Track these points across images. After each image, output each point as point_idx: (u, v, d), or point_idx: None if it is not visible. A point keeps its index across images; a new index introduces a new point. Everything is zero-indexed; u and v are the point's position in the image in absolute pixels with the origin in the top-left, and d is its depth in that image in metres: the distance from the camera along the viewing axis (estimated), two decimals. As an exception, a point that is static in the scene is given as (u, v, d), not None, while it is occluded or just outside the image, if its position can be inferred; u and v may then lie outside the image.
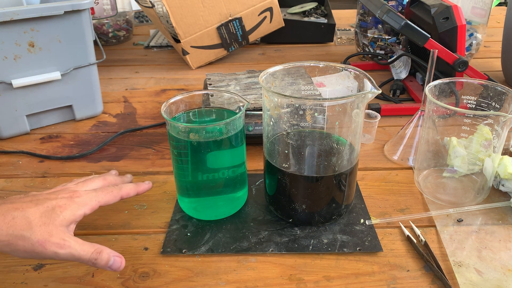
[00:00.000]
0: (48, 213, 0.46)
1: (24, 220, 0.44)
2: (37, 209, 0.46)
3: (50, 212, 0.46)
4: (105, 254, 0.46)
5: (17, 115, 0.83)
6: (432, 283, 0.51)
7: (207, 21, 1.15)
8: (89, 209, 0.49)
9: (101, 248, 0.46)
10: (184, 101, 0.60)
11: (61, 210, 0.46)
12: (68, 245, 0.45)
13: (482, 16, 1.13)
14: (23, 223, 0.44)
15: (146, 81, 1.12)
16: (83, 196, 0.50)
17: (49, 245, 0.44)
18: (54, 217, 0.46)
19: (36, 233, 0.44)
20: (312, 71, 0.61)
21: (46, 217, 0.45)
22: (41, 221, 0.45)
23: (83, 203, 0.49)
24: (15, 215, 0.44)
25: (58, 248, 0.44)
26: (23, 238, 0.44)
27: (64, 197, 0.48)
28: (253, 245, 0.57)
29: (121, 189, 0.54)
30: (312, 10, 1.45)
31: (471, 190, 0.65)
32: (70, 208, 0.47)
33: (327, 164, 0.57)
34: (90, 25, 0.85)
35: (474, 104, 0.64)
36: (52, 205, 0.47)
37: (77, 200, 0.49)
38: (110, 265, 0.47)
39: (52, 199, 0.47)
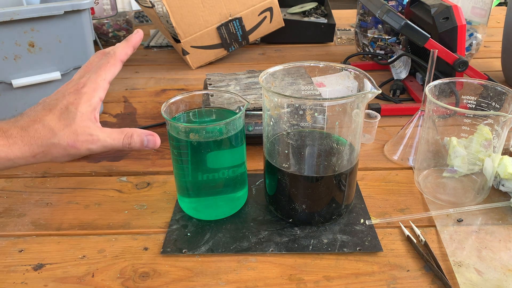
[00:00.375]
0: (64, 114, 0.45)
1: (46, 129, 0.44)
2: (53, 114, 0.45)
3: (66, 112, 0.45)
4: (136, 136, 0.46)
5: (17, 115, 0.83)
6: (432, 283, 0.51)
7: (207, 21, 1.15)
8: (101, 91, 0.48)
9: (130, 132, 0.46)
10: (184, 101, 0.60)
11: (75, 106, 0.45)
12: (97, 139, 0.45)
13: (482, 16, 1.13)
14: (46, 131, 0.44)
15: (146, 81, 1.12)
16: (87, 82, 0.48)
17: (79, 144, 0.44)
18: (71, 116, 0.45)
19: (63, 137, 0.44)
20: (312, 71, 0.61)
21: (64, 119, 0.45)
22: (62, 124, 0.44)
23: (91, 89, 0.47)
24: (36, 127, 0.44)
25: (89, 144, 0.44)
26: (54, 145, 0.44)
27: (71, 92, 0.47)
28: (253, 245, 0.57)
29: (115, 53, 0.51)
30: (312, 10, 1.45)
31: (471, 190, 0.65)
32: (82, 100, 0.46)
33: (327, 164, 0.57)
34: (90, 25, 0.85)
35: (474, 104, 0.64)
36: (64, 105, 0.45)
37: (84, 89, 0.47)
38: (146, 145, 0.47)
39: (61, 98, 0.46)
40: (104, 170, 0.74)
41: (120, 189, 0.69)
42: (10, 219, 0.62)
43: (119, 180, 0.71)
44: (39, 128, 0.45)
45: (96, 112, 0.48)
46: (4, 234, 0.59)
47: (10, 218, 0.62)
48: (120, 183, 0.70)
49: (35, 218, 0.62)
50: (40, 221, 0.62)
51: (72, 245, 0.57)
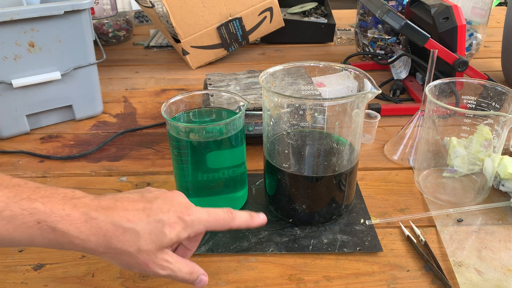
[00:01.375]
0: (157, 231, 0.43)
1: (133, 236, 0.42)
2: (148, 223, 0.43)
3: (160, 230, 0.43)
4: (195, 274, 0.46)
5: (17, 115, 0.83)
6: (432, 283, 0.51)
7: (207, 21, 1.15)
8: (194, 232, 0.45)
9: (193, 269, 0.46)
10: (184, 101, 0.60)
11: (170, 230, 0.43)
12: (170, 267, 0.44)
13: (482, 16, 1.13)
14: (132, 238, 0.42)
15: (146, 81, 1.12)
16: (194, 215, 0.45)
17: (153, 265, 0.43)
18: (162, 237, 0.43)
19: (142, 253, 0.42)
20: (312, 71, 0.61)
21: (155, 235, 0.43)
22: (150, 239, 0.42)
23: (191, 224, 0.45)
24: (127, 227, 0.42)
25: (160, 269, 0.43)
26: (130, 255, 0.42)
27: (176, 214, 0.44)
28: (253, 245, 0.57)
29: (234, 219, 0.48)
30: (312, 10, 1.45)
31: (471, 190, 0.65)
32: (178, 228, 0.44)
33: (327, 164, 0.57)
34: (90, 25, 0.85)
35: (474, 104, 0.64)
36: (163, 222, 0.43)
37: (187, 218, 0.44)
38: (196, 283, 0.46)
39: (165, 211, 0.44)
40: (104, 170, 0.74)
41: (120, 189, 0.69)
42: (10, 219, 0.62)
43: (119, 180, 0.71)
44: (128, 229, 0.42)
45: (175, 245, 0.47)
46: (4, 234, 0.59)
47: (10, 218, 0.62)
48: (120, 183, 0.70)
49: (35, 218, 0.62)
50: (40, 221, 0.62)
51: (72, 245, 0.57)
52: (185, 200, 0.47)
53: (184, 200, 0.47)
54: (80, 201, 0.42)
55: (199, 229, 0.45)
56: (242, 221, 0.48)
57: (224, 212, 0.47)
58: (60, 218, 0.40)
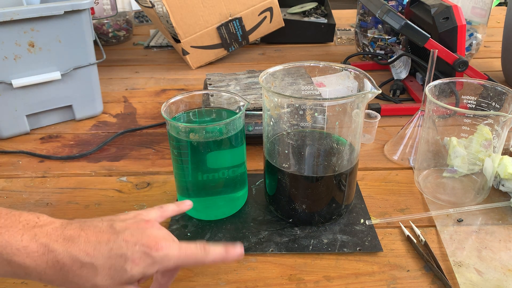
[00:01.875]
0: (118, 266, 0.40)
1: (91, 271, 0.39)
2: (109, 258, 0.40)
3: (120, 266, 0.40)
4: None
5: (17, 115, 0.83)
6: (432, 283, 0.51)
7: (207, 21, 1.15)
8: (163, 268, 0.42)
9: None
10: (184, 101, 0.60)
11: (131, 267, 0.40)
12: None
13: (482, 16, 1.13)
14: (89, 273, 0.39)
15: (146, 81, 1.12)
16: (163, 251, 0.42)
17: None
18: (122, 273, 0.40)
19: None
20: (312, 71, 0.61)
21: (115, 270, 0.40)
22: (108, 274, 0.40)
23: (159, 262, 0.42)
24: (85, 262, 0.39)
25: None
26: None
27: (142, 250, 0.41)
28: (253, 245, 0.57)
29: (208, 254, 0.44)
30: (312, 10, 1.45)
31: (471, 190, 0.65)
32: (143, 264, 0.41)
33: (327, 164, 0.57)
34: (90, 25, 0.85)
35: (474, 104, 0.64)
36: (126, 257, 0.40)
37: (154, 254, 0.41)
38: None
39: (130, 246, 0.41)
40: (104, 170, 0.74)
41: (120, 189, 0.69)
42: (10, 219, 0.62)
43: (119, 180, 0.71)
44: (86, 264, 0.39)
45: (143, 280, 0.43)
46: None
47: (10, 218, 0.62)
48: (120, 183, 0.70)
49: (35, 218, 0.62)
50: (40, 221, 0.62)
51: (72, 245, 0.57)
52: (158, 232, 0.43)
53: (157, 232, 0.43)
54: (42, 230, 0.40)
55: (168, 266, 0.43)
56: (217, 256, 0.45)
57: (197, 247, 0.44)
58: (17, 250, 0.38)
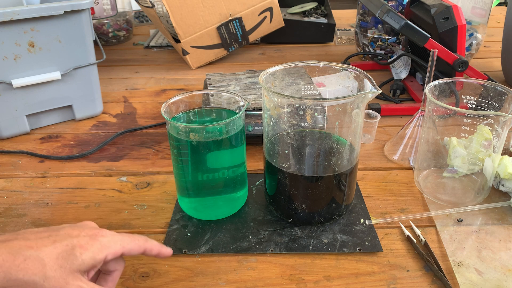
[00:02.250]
0: (66, 254, 0.39)
1: (37, 262, 0.38)
2: (54, 247, 0.39)
3: (69, 253, 0.39)
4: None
5: (17, 115, 0.83)
6: (432, 283, 0.51)
7: (207, 21, 1.15)
8: (112, 253, 0.42)
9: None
10: (184, 101, 0.60)
11: (81, 252, 0.40)
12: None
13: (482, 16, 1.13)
14: (35, 265, 0.38)
15: (146, 81, 1.12)
16: (108, 236, 0.43)
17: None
18: (72, 259, 0.39)
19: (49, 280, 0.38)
20: (312, 71, 0.61)
21: (63, 258, 0.39)
22: (57, 264, 0.39)
23: (107, 245, 0.42)
24: (28, 255, 0.38)
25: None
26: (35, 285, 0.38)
27: (88, 235, 0.42)
28: (253, 245, 0.57)
29: (147, 241, 0.47)
30: (312, 10, 1.45)
31: (471, 190, 0.65)
32: (92, 249, 0.41)
33: (327, 164, 0.57)
34: (90, 25, 0.85)
35: (474, 104, 0.64)
36: (73, 244, 0.40)
37: (101, 239, 0.42)
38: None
39: (74, 236, 0.41)
40: (104, 170, 0.74)
41: (120, 189, 0.69)
42: (10, 219, 0.62)
43: (119, 180, 0.71)
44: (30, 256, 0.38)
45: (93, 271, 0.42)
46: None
47: (10, 218, 0.62)
48: (120, 183, 0.70)
49: (35, 218, 0.62)
50: (40, 221, 0.62)
51: (72, 245, 0.57)
52: (95, 225, 0.45)
53: (95, 225, 0.45)
54: None
55: (116, 250, 0.43)
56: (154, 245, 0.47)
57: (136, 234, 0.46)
58: None
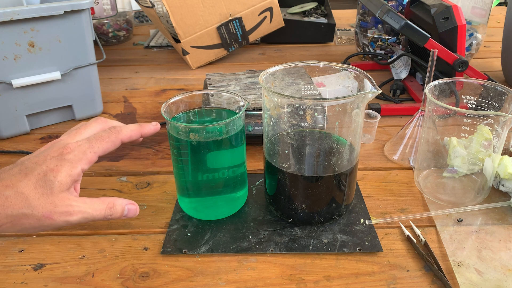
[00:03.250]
0: (41, 182, 0.40)
1: (19, 197, 0.40)
2: (28, 180, 0.40)
3: (43, 180, 0.40)
4: (118, 206, 0.43)
5: (17, 115, 0.83)
6: (432, 283, 0.51)
7: (207, 21, 1.15)
8: (86, 163, 0.43)
9: (112, 202, 0.43)
10: (184, 101, 0.60)
11: (54, 175, 0.41)
12: (78, 210, 0.41)
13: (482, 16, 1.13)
14: (18, 200, 0.40)
15: (146, 81, 1.12)
16: (75, 149, 0.43)
17: (57, 215, 0.40)
18: (49, 184, 0.40)
19: (37, 208, 0.40)
20: (312, 71, 0.61)
21: (41, 186, 0.40)
22: (38, 192, 0.40)
23: (77, 159, 0.42)
24: (7, 194, 0.40)
25: (67, 216, 0.41)
26: (26, 216, 0.40)
27: (54, 157, 0.42)
28: (253, 245, 0.57)
29: (121, 131, 0.46)
30: (312, 10, 1.45)
31: (471, 190, 0.65)
32: (63, 169, 0.41)
33: (327, 164, 0.57)
34: (90, 25, 0.85)
35: (474, 104, 0.64)
36: (43, 171, 0.41)
37: (68, 157, 0.42)
38: (125, 215, 0.44)
39: (41, 163, 0.41)
40: (104, 170, 0.74)
41: (120, 189, 0.69)
42: (10, 219, 0.62)
43: (119, 180, 0.71)
44: (10, 195, 0.39)
45: (77, 184, 0.43)
46: (4, 234, 0.59)
47: (10, 218, 0.62)
48: (120, 183, 0.70)
49: (35, 218, 0.62)
50: (40, 221, 0.62)
51: (72, 245, 0.57)
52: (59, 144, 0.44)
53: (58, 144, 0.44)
54: None
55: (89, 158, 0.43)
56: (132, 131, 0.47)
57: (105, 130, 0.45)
58: None
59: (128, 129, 0.47)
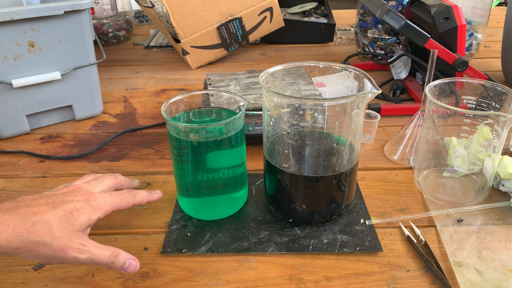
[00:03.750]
0: (66, 217, 0.45)
1: (44, 226, 0.44)
2: (55, 213, 0.45)
3: (68, 216, 0.45)
4: (121, 257, 0.47)
5: (17, 115, 0.83)
6: (432, 283, 0.51)
7: (207, 21, 1.15)
8: (103, 213, 0.49)
9: (117, 252, 0.47)
10: (184, 101, 0.60)
11: (78, 214, 0.46)
12: (88, 250, 0.45)
13: (482, 16, 1.13)
14: (43, 228, 0.44)
15: (146, 81, 1.12)
16: (99, 199, 0.49)
17: (70, 250, 0.44)
18: (72, 221, 0.45)
19: (57, 239, 0.44)
20: (312, 71, 0.61)
21: (65, 221, 0.45)
22: (61, 226, 0.45)
23: (98, 207, 0.49)
24: (35, 220, 0.44)
25: (78, 253, 0.45)
26: (44, 244, 0.43)
27: (81, 200, 0.48)
28: (253, 245, 0.57)
29: (135, 196, 0.54)
30: (312, 10, 1.45)
31: (471, 190, 0.65)
32: (86, 212, 0.47)
33: (327, 164, 0.57)
34: (90, 25, 0.85)
35: (474, 104, 0.64)
36: (70, 209, 0.46)
37: (93, 203, 0.48)
38: (125, 268, 0.47)
39: (69, 201, 0.47)
40: (104, 170, 0.74)
41: (120, 189, 0.69)
42: (10, 219, 0.62)
43: (119, 180, 0.71)
44: (37, 221, 0.44)
45: (89, 229, 0.49)
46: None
47: (10, 218, 0.62)
48: (120, 183, 0.70)
49: (35, 218, 0.62)
50: (40, 221, 0.62)
51: (72, 245, 0.57)
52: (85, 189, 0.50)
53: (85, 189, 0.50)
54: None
55: (107, 210, 0.49)
56: (143, 197, 0.54)
57: (125, 191, 0.53)
58: None
59: (140, 195, 0.54)
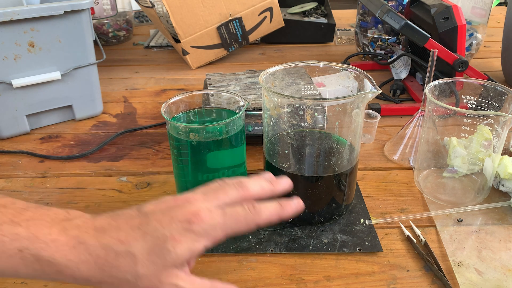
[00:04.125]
0: (158, 249, 0.36)
1: (128, 260, 0.35)
2: (145, 242, 0.36)
3: (160, 248, 0.36)
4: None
5: (17, 115, 0.83)
6: (432, 283, 0.51)
7: (207, 21, 1.15)
8: (211, 241, 0.37)
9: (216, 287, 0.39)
10: (184, 101, 0.60)
11: (173, 245, 0.36)
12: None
13: (482, 16, 1.13)
14: (127, 263, 0.35)
15: (146, 81, 1.12)
16: (206, 222, 0.37)
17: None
18: (164, 254, 0.36)
19: (141, 279, 0.36)
20: (312, 71, 0.61)
21: (155, 254, 0.36)
22: (149, 260, 0.36)
23: (204, 234, 0.37)
24: (119, 250, 0.35)
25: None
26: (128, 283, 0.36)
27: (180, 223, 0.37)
28: (253, 245, 0.57)
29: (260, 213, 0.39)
30: (312, 10, 1.45)
31: (471, 190, 0.65)
32: (185, 241, 0.36)
33: (327, 164, 0.57)
34: (90, 25, 0.85)
35: (474, 104, 0.64)
36: (164, 237, 0.36)
37: (196, 228, 0.37)
38: None
39: (165, 226, 0.36)
40: (104, 170, 0.74)
41: (120, 189, 0.69)
42: (10, 219, 0.62)
43: (119, 180, 0.71)
44: (121, 253, 0.35)
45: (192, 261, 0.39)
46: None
47: (10, 218, 0.62)
48: (120, 183, 0.70)
49: (35, 218, 0.62)
50: (40, 221, 0.62)
51: (72, 245, 0.57)
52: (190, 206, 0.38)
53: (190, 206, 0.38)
54: (71, 223, 0.36)
55: (217, 237, 0.38)
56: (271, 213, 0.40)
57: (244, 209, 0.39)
58: (45, 244, 0.35)
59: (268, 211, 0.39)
